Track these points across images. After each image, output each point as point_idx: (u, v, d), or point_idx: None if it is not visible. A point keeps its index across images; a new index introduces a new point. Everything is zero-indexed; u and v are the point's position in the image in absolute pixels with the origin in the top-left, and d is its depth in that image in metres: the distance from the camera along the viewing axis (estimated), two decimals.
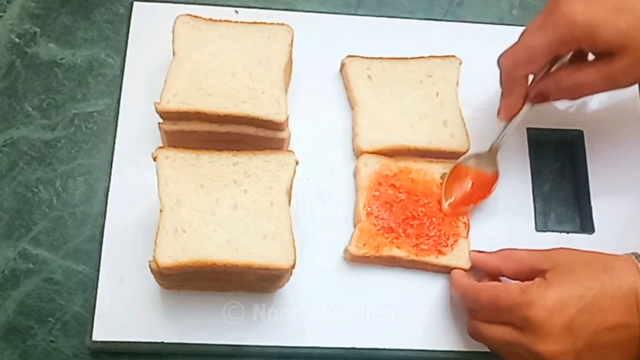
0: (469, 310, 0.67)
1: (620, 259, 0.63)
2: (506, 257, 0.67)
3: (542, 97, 0.69)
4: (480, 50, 0.79)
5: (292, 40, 0.72)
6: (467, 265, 0.70)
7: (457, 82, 0.76)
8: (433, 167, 0.73)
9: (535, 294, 0.60)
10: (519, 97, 0.69)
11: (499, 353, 0.64)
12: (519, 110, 0.70)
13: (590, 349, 0.59)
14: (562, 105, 0.79)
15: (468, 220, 0.71)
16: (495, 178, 0.72)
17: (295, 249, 0.63)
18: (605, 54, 0.64)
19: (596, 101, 0.80)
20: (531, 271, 0.63)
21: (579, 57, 0.67)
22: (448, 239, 0.70)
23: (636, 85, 0.81)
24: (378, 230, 0.70)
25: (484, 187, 0.72)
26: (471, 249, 0.70)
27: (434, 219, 0.71)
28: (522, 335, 0.60)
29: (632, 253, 0.63)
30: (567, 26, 0.62)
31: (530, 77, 0.69)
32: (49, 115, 0.75)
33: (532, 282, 0.62)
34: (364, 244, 0.69)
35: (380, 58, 0.77)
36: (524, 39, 0.66)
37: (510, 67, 0.67)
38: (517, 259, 0.66)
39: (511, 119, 0.70)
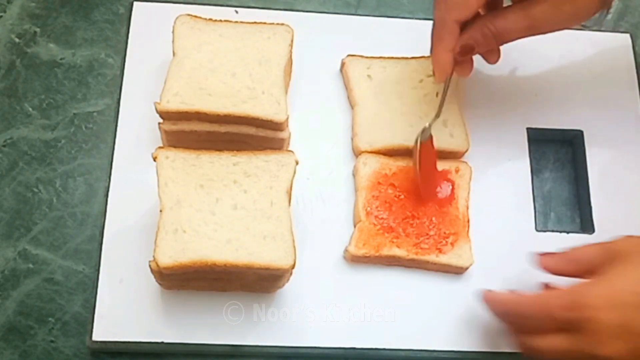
0: (514, 327, 0.64)
1: None
2: (568, 260, 0.64)
3: (469, 49, 0.67)
4: None
5: (292, 40, 0.71)
6: (468, 264, 0.70)
7: (457, 82, 0.76)
8: None
9: (586, 294, 0.58)
10: (448, 45, 0.67)
11: None
12: (451, 71, 0.68)
13: None
14: (562, 105, 0.79)
15: (468, 219, 0.71)
16: (431, 142, 0.70)
17: (295, 249, 0.63)
18: None
19: (596, 101, 0.80)
20: (591, 267, 0.61)
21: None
22: (448, 237, 0.70)
23: (636, 85, 0.81)
24: (378, 229, 0.70)
25: (430, 154, 0.71)
26: (471, 248, 0.70)
27: (433, 218, 0.71)
28: (580, 340, 0.58)
29: None
30: None
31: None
32: (49, 115, 0.75)
33: (582, 282, 0.60)
34: (364, 244, 0.69)
35: (380, 57, 0.77)
36: None
37: (442, 10, 0.66)
38: (577, 259, 0.63)
39: (446, 82, 0.69)
